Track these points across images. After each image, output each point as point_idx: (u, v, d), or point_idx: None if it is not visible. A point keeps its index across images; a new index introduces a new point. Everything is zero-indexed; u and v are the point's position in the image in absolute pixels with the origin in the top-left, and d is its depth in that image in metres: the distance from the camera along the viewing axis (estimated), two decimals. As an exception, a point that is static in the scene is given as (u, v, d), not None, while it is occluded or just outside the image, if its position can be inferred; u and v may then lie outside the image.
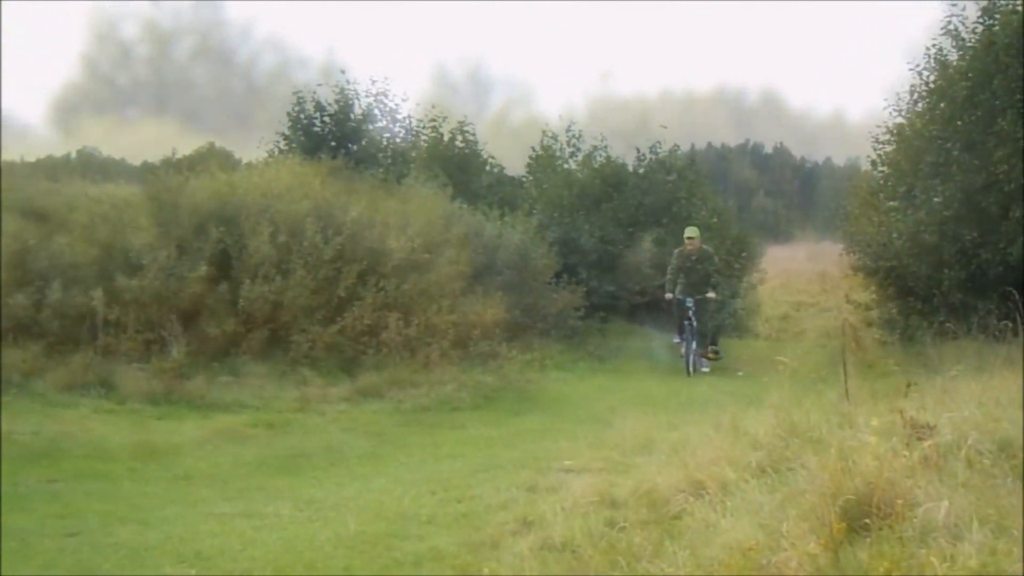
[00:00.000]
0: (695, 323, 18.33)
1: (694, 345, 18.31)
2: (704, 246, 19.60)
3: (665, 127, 31.54)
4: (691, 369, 18.11)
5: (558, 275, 20.56)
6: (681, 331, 18.70)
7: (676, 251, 19.41)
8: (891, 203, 22.08)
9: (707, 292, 18.74)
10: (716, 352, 19.53)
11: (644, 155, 31.76)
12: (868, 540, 4.90)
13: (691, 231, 19.44)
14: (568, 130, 34.84)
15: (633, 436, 9.12)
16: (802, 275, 44.09)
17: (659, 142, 31.58)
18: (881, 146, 22.97)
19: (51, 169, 51.27)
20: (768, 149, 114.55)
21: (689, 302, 18.42)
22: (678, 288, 18.81)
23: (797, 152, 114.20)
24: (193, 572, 5.98)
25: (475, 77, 33.86)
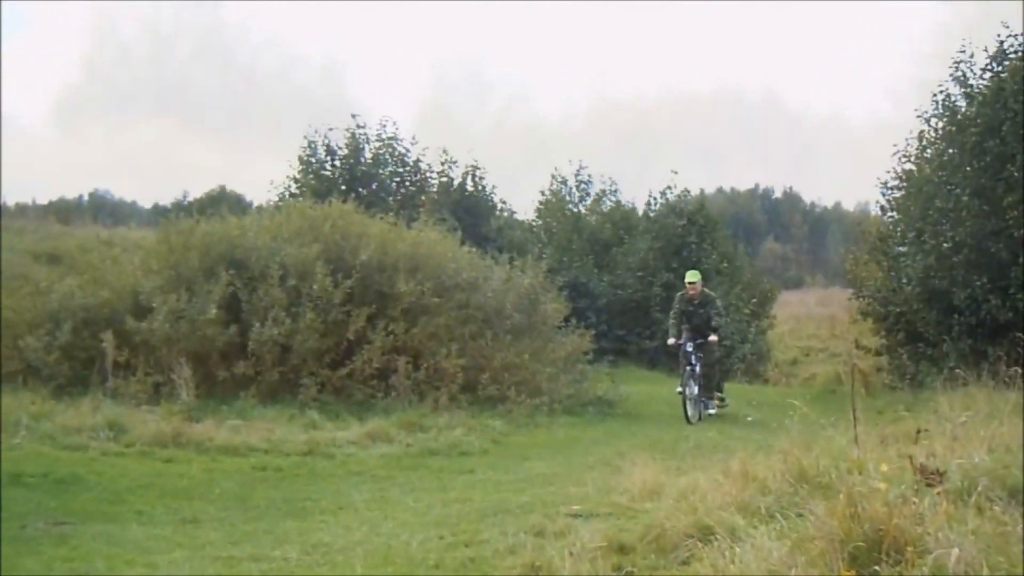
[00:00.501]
0: (697, 368, 17.93)
1: (696, 390, 17.83)
2: (706, 290, 19.45)
3: (676, 172, 31.73)
4: (690, 416, 17.52)
5: (567, 319, 20.53)
6: (684, 377, 18.02)
7: (678, 295, 19.08)
8: (900, 248, 22.16)
9: (709, 336, 18.32)
10: (722, 399, 19.12)
11: (654, 199, 31.90)
12: (878, 587, 4.89)
13: (692, 275, 19.10)
14: (577, 174, 35.02)
15: (642, 481, 9.08)
16: (811, 320, 44.16)
17: (671, 186, 31.73)
18: (890, 191, 23.03)
19: (63, 211, 51.81)
20: (778, 193, 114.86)
21: (690, 346, 18.06)
22: (683, 334, 18.39)
23: (807, 196, 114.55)
24: (200, 615, 5.98)
25: (475, 77, 34.28)
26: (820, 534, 5.38)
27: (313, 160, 30.60)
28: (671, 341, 18.43)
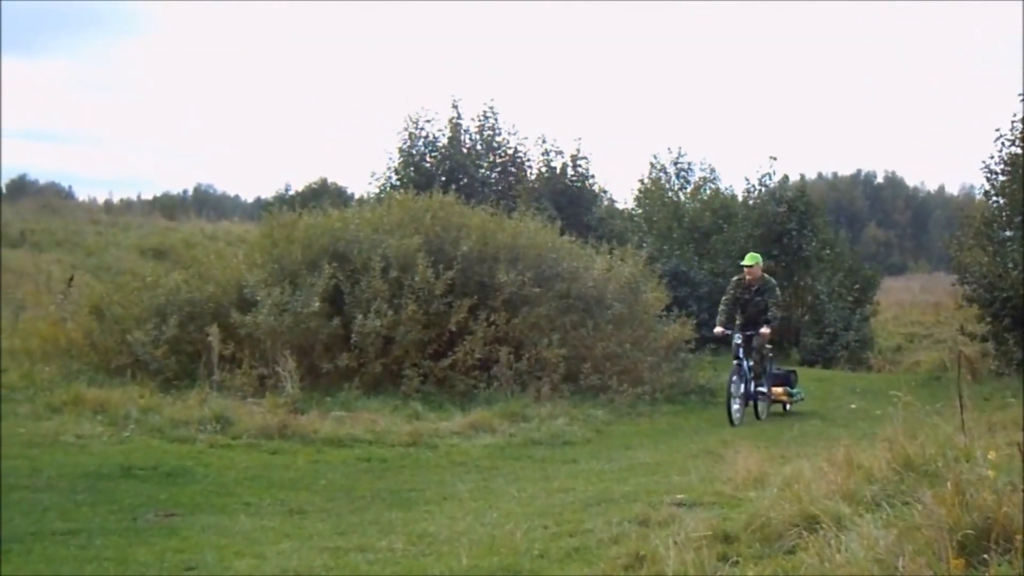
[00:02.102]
0: (746, 363, 16.34)
1: (741, 388, 16.24)
2: (767, 276, 17.47)
3: (775, 158, 31.30)
4: (735, 418, 15.79)
5: (668, 308, 20.41)
6: (731, 373, 16.24)
7: (733, 280, 17.45)
8: (1006, 233, 21.74)
9: (761, 328, 16.62)
10: (791, 394, 17.84)
11: (754, 186, 31.59)
12: (986, 576, 4.79)
13: (750, 258, 17.34)
14: (676, 161, 34.78)
15: (745, 470, 8.99)
16: (915, 306, 43.55)
17: (769, 173, 31.40)
18: (994, 176, 22.56)
19: (168, 207, 52.74)
20: (880, 178, 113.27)
21: (739, 338, 16.44)
22: (736, 324, 16.94)
23: (910, 181, 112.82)
24: (308, 607, 6.01)
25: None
26: (928, 523, 5.28)
27: (413, 151, 30.73)
28: (717, 330, 16.89)
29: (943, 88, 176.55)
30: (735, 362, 16.23)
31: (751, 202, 31.46)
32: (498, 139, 31.31)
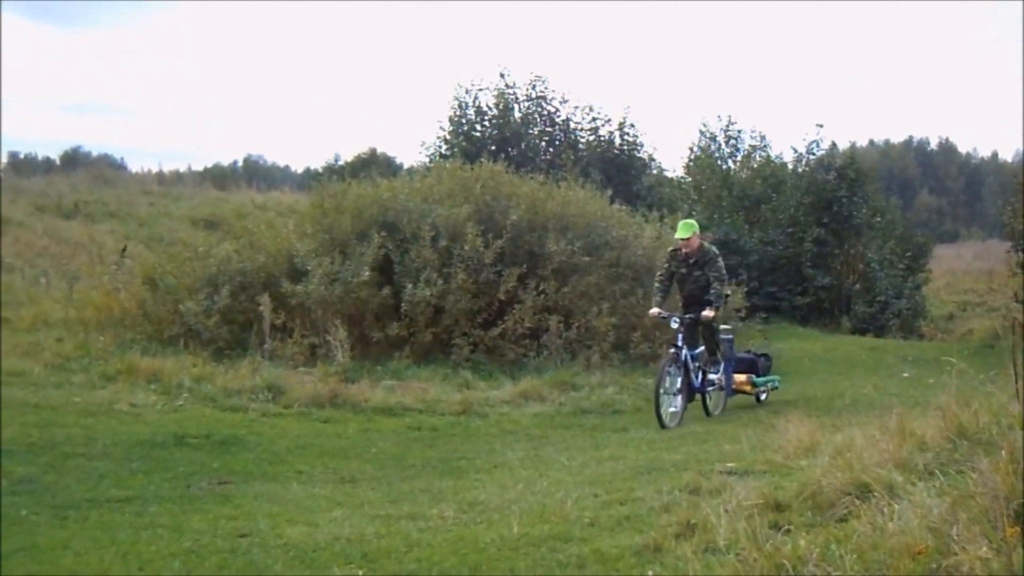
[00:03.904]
0: (684, 353, 13.37)
1: (678, 382, 13.29)
2: (707, 245, 14.37)
3: (822, 125, 31.04)
4: (665, 418, 12.78)
5: (718, 276, 20.31)
6: (662, 364, 13.37)
7: (668, 251, 14.55)
8: (1060, 198, 21.46)
9: (706, 309, 13.61)
10: (756, 383, 15.30)
11: (803, 154, 31.37)
12: (1043, 544, 4.74)
13: (685, 227, 14.07)
14: (726, 129, 34.56)
15: (796, 438, 8.93)
16: (968, 274, 43.10)
17: (817, 140, 31.17)
18: (1047, 141, 22.26)
19: (219, 177, 52.99)
20: (933, 145, 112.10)
21: (675, 322, 13.49)
22: (677, 302, 14.56)
23: (963, 147, 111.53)
24: (360, 573, 6.03)
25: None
26: (982, 491, 5.22)
27: (463, 121, 30.74)
28: (652, 312, 13.99)
29: (997, 53, 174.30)
30: (671, 351, 13.40)
31: (801, 170, 31.24)
32: (548, 107, 31.27)
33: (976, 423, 6.93)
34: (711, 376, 14.07)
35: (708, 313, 13.54)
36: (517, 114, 30.90)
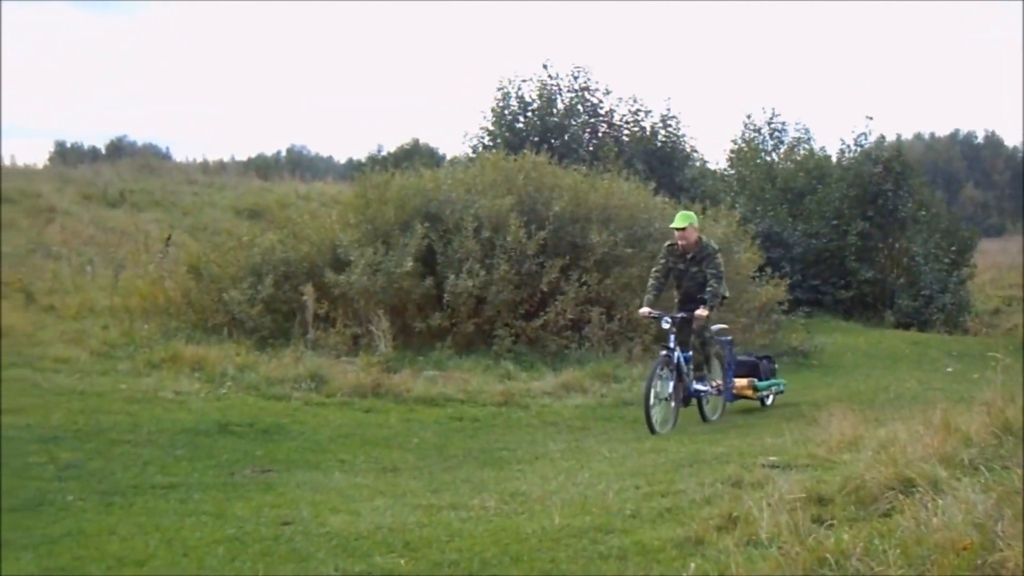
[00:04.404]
0: (677, 355, 12.51)
1: (670, 387, 12.36)
2: (705, 239, 13.46)
3: (871, 117, 30.85)
4: (655, 423, 11.82)
5: (761, 269, 20.27)
6: (653, 367, 12.37)
7: (665, 246, 13.39)
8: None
9: (699, 308, 12.57)
10: (758, 387, 14.33)
11: (849, 147, 31.19)
12: (1089, 541, 4.71)
13: (682, 218, 13.15)
14: (770, 121, 34.41)
15: (839, 432, 8.87)
16: (1015, 269, 42.58)
17: (865, 133, 30.96)
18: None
19: (263, 167, 53.18)
20: (979, 138, 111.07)
21: (667, 322, 12.56)
22: (675, 301, 13.43)
23: (1010, 141, 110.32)
24: (402, 562, 6.04)
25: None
26: (1027, 487, 5.20)
27: (506, 112, 30.74)
28: (643, 311, 12.95)
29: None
30: (662, 353, 12.46)
31: (845, 163, 31.06)
32: (591, 99, 31.24)
33: (1021, 419, 6.87)
34: (698, 387, 12.95)
35: (701, 313, 12.50)
36: (560, 105, 30.87)
